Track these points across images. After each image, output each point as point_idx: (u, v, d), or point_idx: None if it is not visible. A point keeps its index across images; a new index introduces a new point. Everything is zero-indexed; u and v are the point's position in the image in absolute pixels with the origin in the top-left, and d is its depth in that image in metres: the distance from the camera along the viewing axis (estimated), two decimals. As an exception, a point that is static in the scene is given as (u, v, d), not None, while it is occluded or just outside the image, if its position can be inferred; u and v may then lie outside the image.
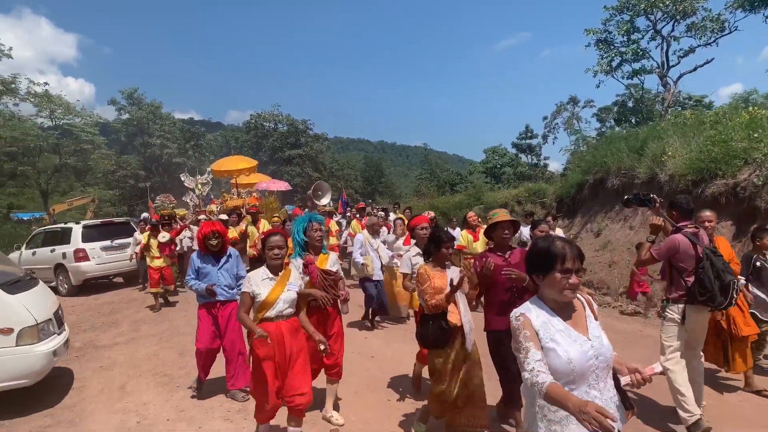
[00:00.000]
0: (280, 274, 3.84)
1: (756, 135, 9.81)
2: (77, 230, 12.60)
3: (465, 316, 3.81)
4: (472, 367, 3.86)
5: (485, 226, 4.35)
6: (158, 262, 10.02)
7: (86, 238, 12.44)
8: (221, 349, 5.20)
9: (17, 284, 5.40)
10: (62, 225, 13.56)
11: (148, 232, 10.29)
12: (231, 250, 5.36)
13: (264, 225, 11.36)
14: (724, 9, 20.26)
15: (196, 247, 9.30)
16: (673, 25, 21.47)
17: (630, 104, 30.98)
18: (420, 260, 4.55)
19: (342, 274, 4.68)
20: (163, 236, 10.26)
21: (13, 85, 25.34)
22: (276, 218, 11.29)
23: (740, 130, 10.36)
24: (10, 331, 4.92)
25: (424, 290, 3.88)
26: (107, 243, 12.38)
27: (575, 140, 35.50)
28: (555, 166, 41.04)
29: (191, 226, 12.11)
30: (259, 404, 3.77)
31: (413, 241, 5.00)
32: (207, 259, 5.22)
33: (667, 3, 19.93)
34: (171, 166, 37.93)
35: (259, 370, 3.70)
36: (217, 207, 15.37)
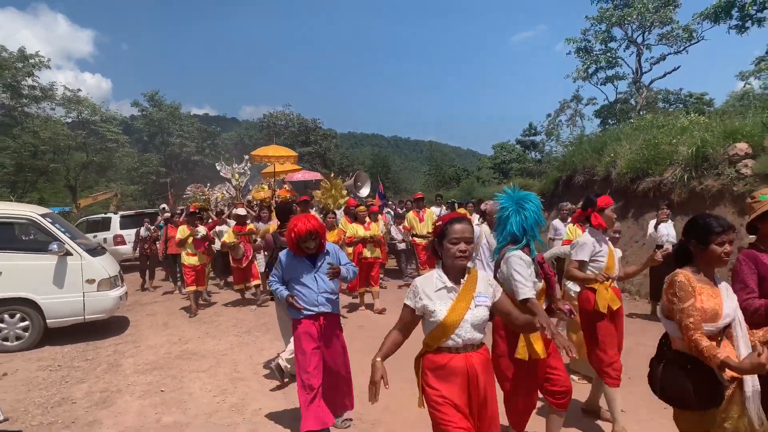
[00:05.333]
0: (462, 281, 2.56)
1: (675, 141, 11.77)
2: (116, 219, 15.19)
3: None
4: None
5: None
6: (193, 260, 9.00)
7: (123, 226, 14.96)
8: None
9: (94, 251, 7.77)
10: (103, 215, 16.09)
11: (185, 226, 9.18)
12: (328, 244, 4.18)
13: None
14: (692, 20, 22.12)
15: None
16: (643, 35, 23.44)
17: (632, 102, 32.61)
18: (605, 248, 3.89)
19: None
20: (198, 231, 9.18)
21: (50, 92, 28.19)
22: (362, 207, 9.36)
23: (667, 135, 12.29)
24: (93, 281, 7.29)
25: (685, 311, 2.47)
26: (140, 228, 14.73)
27: (549, 140, 36.74)
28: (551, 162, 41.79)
29: (228, 220, 11.06)
30: None
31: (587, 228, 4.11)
32: (300, 262, 4.00)
33: (635, 16, 21.94)
34: (189, 164, 40.82)
35: (443, 419, 2.45)
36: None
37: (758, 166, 9.12)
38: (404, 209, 12.60)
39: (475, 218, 10.92)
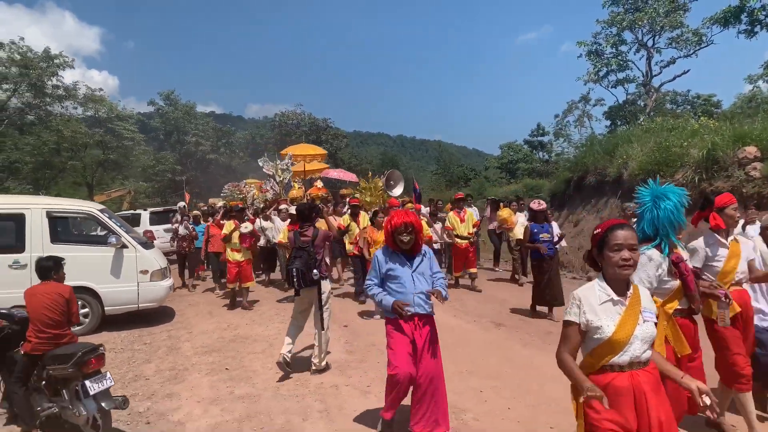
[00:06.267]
0: (628, 294, 2.41)
1: (686, 144, 12.22)
2: (145, 215, 15.87)
3: None
4: None
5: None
6: (237, 256, 9.05)
7: (152, 222, 15.62)
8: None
9: (146, 244, 8.37)
10: (133, 211, 16.78)
11: (231, 222, 9.26)
12: (425, 247, 4.08)
13: (364, 218, 9.91)
14: (702, 24, 22.58)
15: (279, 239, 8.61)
16: (653, 39, 23.95)
17: (640, 103, 33.01)
18: (722, 251, 3.69)
19: None
20: (246, 227, 9.25)
21: (73, 91, 28.98)
22: (409, 203, 9.22)
23: (678, 138, 12.75)
24: (147, 272, 7.89)
25: None
26: (168, 226, 15.36)
27: (560, 141, 36.92)
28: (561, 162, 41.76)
29: (273, 216, 11.01)
30: None
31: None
32: (397, 259, 3.93)
33: (645, 20, 22.45)
34: (203, 162, 41.59)
35: None
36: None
37: (767, 169, 9.56)
38: (431, 208, 12.63)
39: (521, 217, 11.18)
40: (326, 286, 5.67)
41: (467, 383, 5.05)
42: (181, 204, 14.08)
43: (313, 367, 5.52)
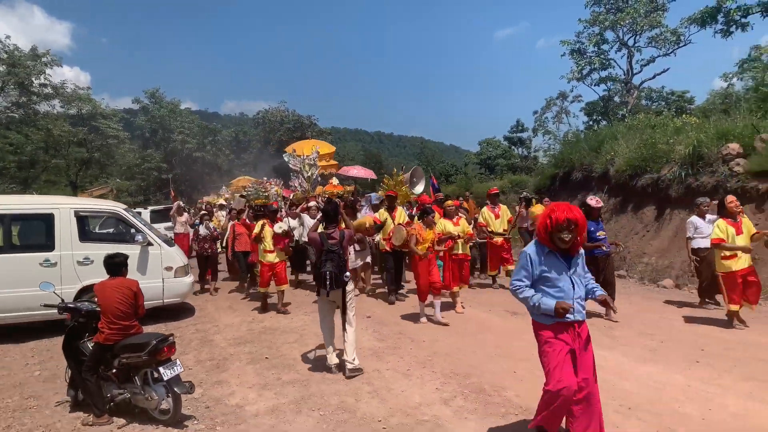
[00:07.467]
0: None
1: (671, 141, 12.82)
2: (146, 213, 16.04)
3: None
4: None
5: None
6: (271, 257, 8.64)
7: (153, 220, 15.79)
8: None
9: (168, 242, 8.66)
10: (133, 209, 16.93)
11: (262, 221, 8.78)
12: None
13: (401, 214, 9.63)
14: (680, 24, 23.44)
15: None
16: (634, 38, 24.81)
17: (616, 99, 33.79)
18: None
19: None
20: (280, 226, 8.81)
21: (61, 89, 28.73)
22: (449, 202, 8.69)
23: (665, 135, 13.33)
24: (171, 268, 8.19)
25: None
26: (169, 224, 15.53)
27: (547, 139, 37.62)
28: (546, 158, 42.49)
29: (303, 215, 10.45)
30: None
31: None
32: (552, 259, 3.50)
33: (627, 21, 23.26)
34: (189, 159, 41.35)
35: None
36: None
37: (749, 165, 10.16)
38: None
39: None
40: (350, 286, 5.76)
41: (499, 365, 5.50)
42: (179, 203, 13.86)
43: (349, 367, 5.38)
